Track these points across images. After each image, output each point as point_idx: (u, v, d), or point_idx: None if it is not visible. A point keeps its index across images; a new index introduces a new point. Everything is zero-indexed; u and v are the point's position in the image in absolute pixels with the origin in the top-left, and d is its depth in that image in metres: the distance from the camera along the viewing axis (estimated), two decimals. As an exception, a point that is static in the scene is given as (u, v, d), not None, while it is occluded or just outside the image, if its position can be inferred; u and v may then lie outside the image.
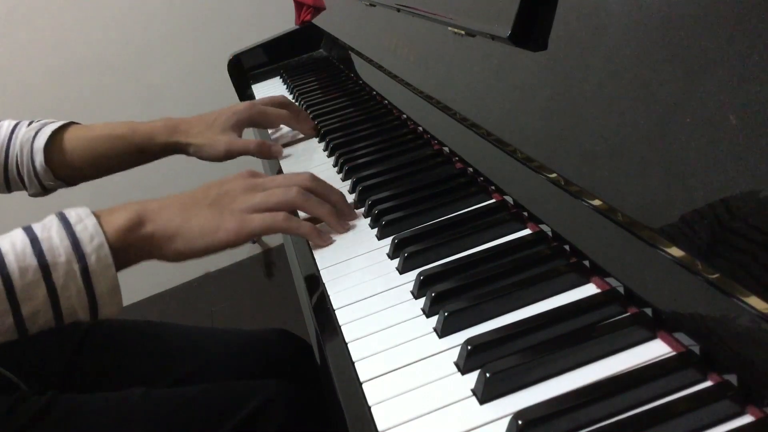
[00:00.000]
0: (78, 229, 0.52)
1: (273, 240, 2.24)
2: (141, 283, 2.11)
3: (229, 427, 0.66)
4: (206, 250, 0.57)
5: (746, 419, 0.34)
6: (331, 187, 0.65)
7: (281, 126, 0.98)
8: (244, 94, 1.34)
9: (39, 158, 0.82)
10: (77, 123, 0.87)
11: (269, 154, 0.89)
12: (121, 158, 0.87)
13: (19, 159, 0.84)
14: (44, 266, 0.50)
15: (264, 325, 0.91)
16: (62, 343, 0.79)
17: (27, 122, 0.86)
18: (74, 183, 0.88)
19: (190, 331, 0.86)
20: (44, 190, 0.87)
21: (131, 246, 0.55)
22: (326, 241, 0.61)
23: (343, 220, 0.64)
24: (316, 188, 0.62)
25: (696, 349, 0.37)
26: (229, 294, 2.09)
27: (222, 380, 0.77)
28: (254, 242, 2.20)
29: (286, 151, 0.92)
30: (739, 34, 0.35)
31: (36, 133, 0.83)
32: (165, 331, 0.85)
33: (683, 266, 0.37)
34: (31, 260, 0.50)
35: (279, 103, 0.93)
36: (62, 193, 0.90)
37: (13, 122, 0.85)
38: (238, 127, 0.88)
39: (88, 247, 0.51)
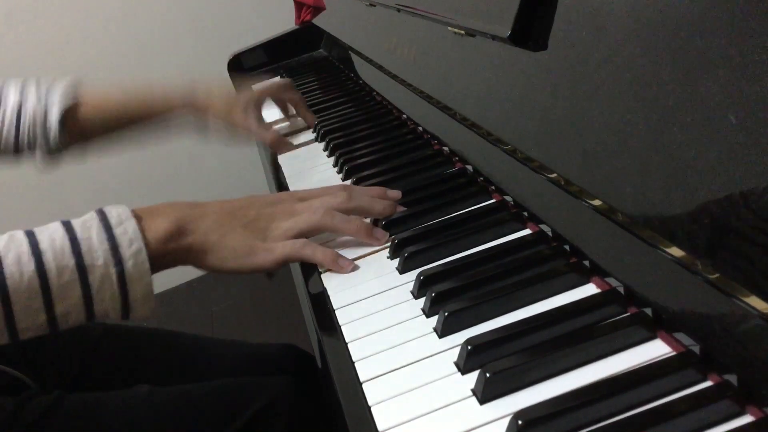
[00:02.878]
0: (118, 232, 0.52)
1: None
2: (141, 283, 2.11)
3: (236, 425, 0.67)
4: (236, 271, 0.58)
5: (746, 419, 0.34)
6: (371, 200, 0.62)
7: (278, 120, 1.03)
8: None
9: (53, 132, 0.82)
10: (83, 94, 0.86)
11: (284, 149, 0.92)
12: (138, 133, 0.88)
13: (31, 131, 0.82)
14: (81, 268, 0.50)
15: (264, 326, 0.91)
16: (75, 347, 0.80)
17: (34, 84, 0.84)
18: (88, 155, 0.89)
19: (200, 340, 0.87)
20: (53, 159, 0.86)
21: (169, 253, 0.55)
22: (343, 268, 0.57)
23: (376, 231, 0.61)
24: (350, 208, 0.60)
25: (696, 349, 0.37)
26: (229, 294, 2.09)
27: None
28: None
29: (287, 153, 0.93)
30: (739, 34, 0.35)
31: (47, 106, 0.82)
32: (176, 339, 0.86)
33: (683, 266, 0.37)
34: (70, 260, 0.50)
35: (284, 87, 0.99)
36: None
37: (19, 84, 0.84)
38: (258, 109, 0.91)
39: (127, 252, 0.51)
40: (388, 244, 0.58)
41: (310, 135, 0.97)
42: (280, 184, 0.83)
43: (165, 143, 1.04)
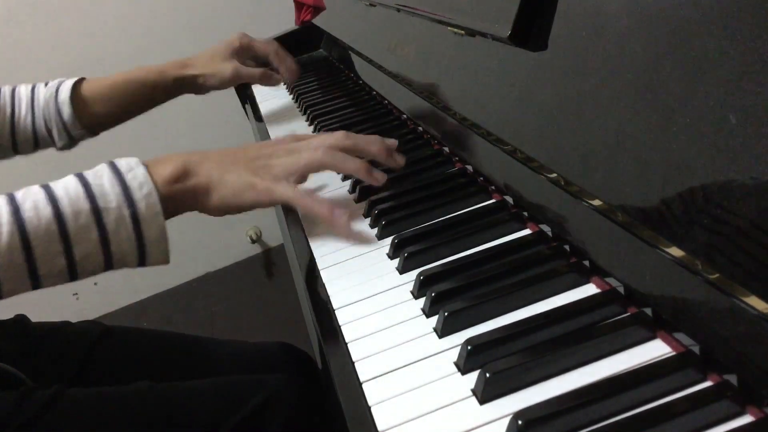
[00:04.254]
0: (128, 177, 0.54)
1: (273, 240, 2.24)
2: (141, 283, 2.11)
3: (235, 420, 0.67)
4: (238, 208, 0.60)
5: (746, 419, 0.34)
6: (367, 139, 0.64)
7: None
8: (245, 94, 1.34)
9: (66, 110, 0.90)
10: (87, 78, 0.95)
11: (271, 81, 1.02)
12: (139, 100, 0.96)
13: (46, 116, 0.91)
14: (96, 210, 0.53)
15: (264, 326, 0.92)
16: (74, 346, 0.80)
17: (42, 83, 0.93)
18: (98, 131, 0.96)
19: (197, 340, 0.88)
20: (71, 141, 0.94)
21: (176, 196, 0.57)
22: (338, 220, 0.59)
23: (393, 157, 0.65)
24: (348, 146, 0.63)
25: (696, 349, 0.37)
26: (229, 294, 2.09)
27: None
28: (254, 242, 2.20)
29: None
30: (739, 34, 0.35)
31: (57, 89, 0.91)
32: (173, 339, 0.86)
33: (683, 266, 0.37)
34: (84, 204, 0.52)
35: (267, 43, 1.06)
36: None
37: (29, 86, 0.92)
38: (237, 54, 0.99)
39: (138, 194, 0.54)
40: (388, 244, 0.58)
41: (305, 126, 1.00)
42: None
43: (162, 141, 1.09)
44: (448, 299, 0.48)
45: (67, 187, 0.53)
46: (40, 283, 0.53)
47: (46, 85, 0.92)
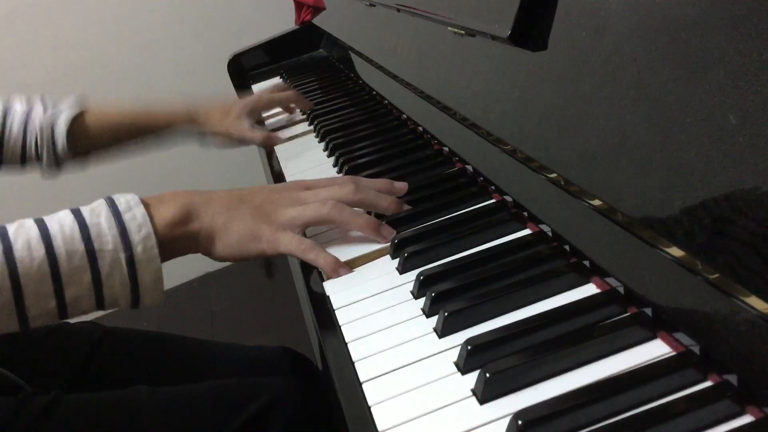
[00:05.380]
0: (127, 217, 0.52)
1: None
2: (141, 283, 2.11)
3: (237, 424, 0.66)
4: (242, 257, 0.58)
5: (746, 419, 0.34)
6: (377, 193, 0.62)
7: (275, 114, 1.09)
8: (244, 94, 1.34)
9: (61, 142, 0.87)
10: (88, 110, 0.92)
11: (274, 144, 0.97)
12: (139, 142, 0.94)
13: (39, 141, 0.87)
14: (91, 252, 0.51)
15: (264, 326, 0.92)
16: (73, 350, 0.80)
17: (39, 102, 0.89)
18: (91, 161, 0.93)
19: (197, 343, 0.87)
20: (58, 171, 0.91)
21: (176, 240, 0.55)
22: (338, 273, 0.56)
23: (402, 208, 0.62)
24: (356, 201, 0.60)
25: (696, 349, 0.37)
26: (229, 294, 2.09)
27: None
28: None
29: (287, 151, 0.93)
30: (738, 34, 0.35)
31: (54, 117, 0.87)
32: (172, 342, 0.86)
33: (683, 266, 0.37)
34: (79, 245, 0.50)
35: (280, 88, 1.05)
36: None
37: (24, 101, 0.88)
38: (251, 117, 0.96)
39: (136, 237, 0.52)
40: (388, 243, 0.58)
41: (305, 126, 1.01)
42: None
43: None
44: (448, 299, 0.48)
45: (62, 225, 0.51)
46: (29, 323, 0.51)
47: (43, 106, 0.88)
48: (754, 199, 0.33)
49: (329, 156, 0.85)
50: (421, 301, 0.50)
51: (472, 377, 0.41)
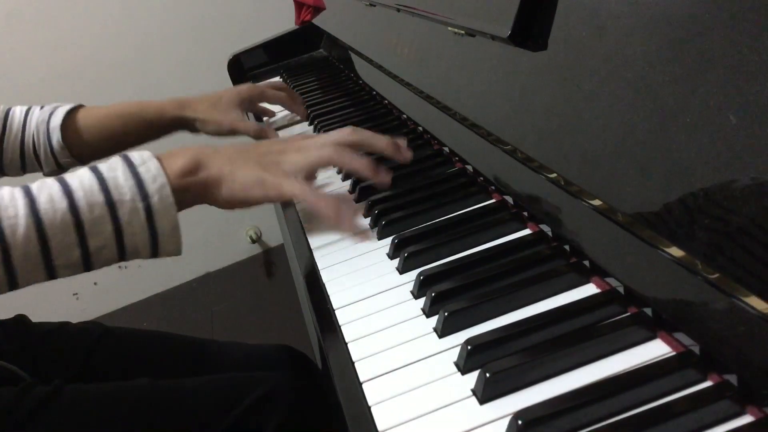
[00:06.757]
0: (142, 170, 0.55)
1: (273, 240, 2.24)
2: (141, 283, 2.11)
3: (234, 415, 0.67)
4: (247, 202, 0.61)
5: (746, 419, 0.34)
6: (374, 135, 0.66)
7: (276, 114, 1.08)
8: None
9: (56, 136, 0.88)
10: (85, 106, 0.94)
11: (265, 136, 0.96)
12: (133, 134, 0.94)
13: (35, 139, 0.89)
14: (111, 203, 0.53)
15: (264, 326, 0.92)
16: (75, 347, 0.81)
17: (39, 106, 0.91)
18: (88, 160, 0.93)
19: (197, 341, 0.88)
20: (59, 169, 0.92)
21: (188, 188, 0.58)
22: (343, 221, 0.61)
23: (400, 152, 0.66)
24: (355, 141, 0.64)
25: (696, 349, 0.37)
26: (229, 294, 2.09)
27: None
28: (254, 242, 2.20)
29: None
30: (739, 34, 0.35)
31: (50, 114, 0.89)
32: (172, 340, 0.87)
33: (683, 266, 0.37)
34: (99, 197, 0.53)
35: (278, 87, 1.03)
36: None
37: (25, 107, 0.91)
38: (241, 106, 0.96)
39: (151, 187, 0.54)
40: (388, 244, 0.58)
41: (305, 126, 1.01)
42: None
43: (165, 139, 1.09)
44: (448, 299, 0.48)
45: (81, 180, 0.54)
46: (56, 273, 0.53)
47: (41, 108, 0.91)
48: (754, 199, 0.33)
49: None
50: (421, 301, 0.50)
51: (472, 377, 0.41)
